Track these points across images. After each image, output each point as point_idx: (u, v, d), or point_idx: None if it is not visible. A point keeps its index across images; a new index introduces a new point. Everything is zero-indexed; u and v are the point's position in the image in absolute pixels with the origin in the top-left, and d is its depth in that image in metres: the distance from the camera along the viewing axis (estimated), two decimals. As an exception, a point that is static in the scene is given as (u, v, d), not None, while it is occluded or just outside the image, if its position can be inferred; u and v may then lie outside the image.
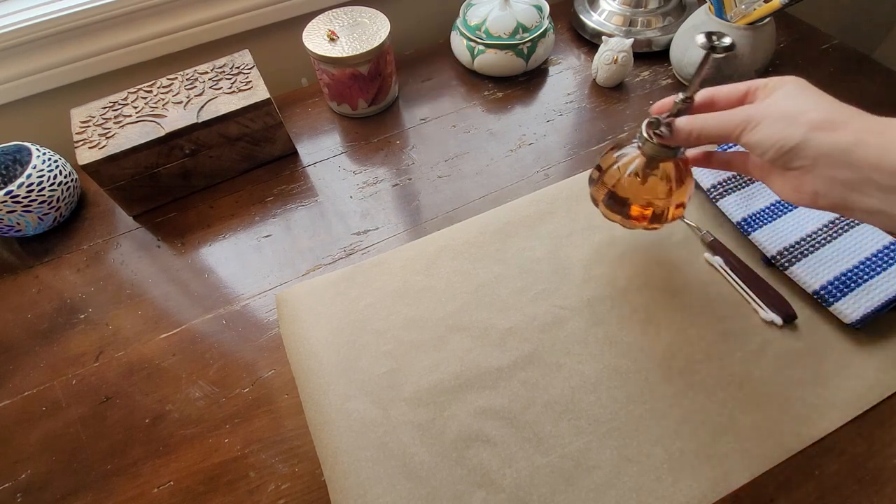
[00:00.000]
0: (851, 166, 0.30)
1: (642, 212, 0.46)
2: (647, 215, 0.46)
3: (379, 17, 0.67)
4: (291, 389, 0.49)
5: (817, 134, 0.31)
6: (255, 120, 0.62)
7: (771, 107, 0.33)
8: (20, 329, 0.55)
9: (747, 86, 0.36)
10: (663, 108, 0.40)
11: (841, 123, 0.30)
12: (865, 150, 0.29)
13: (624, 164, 0.44)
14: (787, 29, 0.76)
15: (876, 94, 0.66)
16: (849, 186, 0.30)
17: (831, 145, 0.30)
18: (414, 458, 0.43)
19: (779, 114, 0.32)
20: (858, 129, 0.30)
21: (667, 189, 0.44)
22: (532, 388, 0.46)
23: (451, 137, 0.68)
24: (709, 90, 0.39)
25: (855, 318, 0.45)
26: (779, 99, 0.34)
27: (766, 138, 0.33)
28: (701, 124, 0.36)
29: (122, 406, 0.49)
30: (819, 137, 0.31)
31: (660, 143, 0.40)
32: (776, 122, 0.32)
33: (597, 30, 0.75)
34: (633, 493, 0.40)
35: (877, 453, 0.42)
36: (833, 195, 0.31)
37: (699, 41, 0.35)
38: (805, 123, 0.31)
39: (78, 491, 0.45)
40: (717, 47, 0.35)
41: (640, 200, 0.45)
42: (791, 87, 0.34)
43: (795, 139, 0.31)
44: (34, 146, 0.60)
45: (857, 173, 0.30)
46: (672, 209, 0.45)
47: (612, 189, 0.46)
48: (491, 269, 0.54)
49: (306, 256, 0.58)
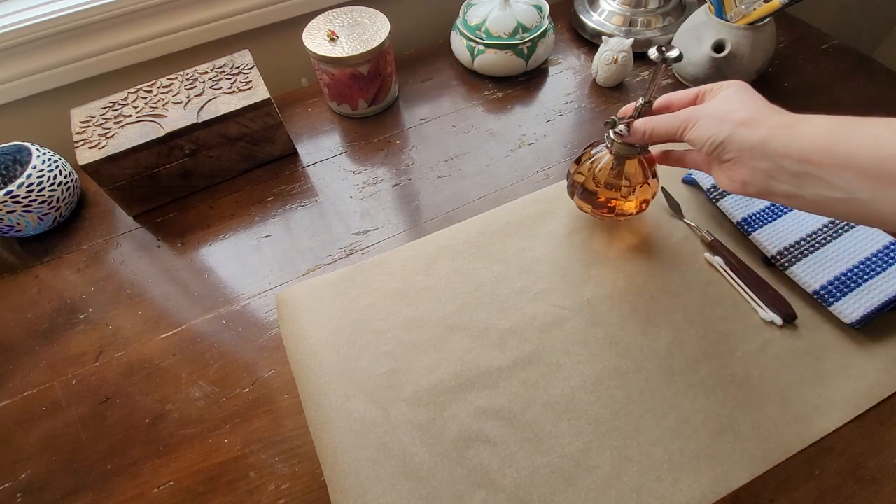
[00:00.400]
0: (767, 157, 0.34)
1: (608, 204, 0.51)
2: (613, 207, 0.51)
3: (379, 17, 0.67)
4: (291, 389, 0.49)
5: (740, 130, 0.35)
6: (255, 120, 0.62)
7: (709, 108, 0.38)
8: (20, 329, 0.55)
9: (698, 90, 0.41)
10: (627, 111, 0.45)
11: (760, 120, 0.35)
12: (777, 141, 0.34)
13: (595, 160, 0.50)
14: (787, 29, 0.76)
15: (876, 94, 0.66)
16: (768, 174, 0.35)
17: (751, 139, 0.35)
18: (414, 458, 0.43)
19: (712, 113, 0.37)
20: (773, 125, 0.34)
21: (629, 185, 0.49)
22: (532, 388, 0.46)
23: (451, 137, 0.68)
24: (666, 95, 0.44)
25: (855, 318, 0.45)
26: (716, 101, 0.38)
27: (702, 134, 0.38)
28: (653, 124, 0.42)
29: (122, 406, 0.49)
30: (742, 133, 0.35)
31: (622, 141, 0.45)
32: (709, 119, 0.37)
33: (597, 30, 0.75)
34: (633, 493, 0.40)
35: (877, 453, 0.42)
36: (757, 182, 0.36)
37: (651, 55, 0.40)
38: (732, 121, 0.36)
39: (78, 491, 0.45)
40: (668, 59, 0.40)
41: (606, 194, 0.50)
42: (730, 90, 0.38)
43: (724, 135, 0.36)
44: (34, 146, 0.60)
45: (772, 162, 0.34)
46: (636, 202, 0.50)
47: (583, 183, 0.51)
48: (491, 269, 0.54)
49: (306, 256, 0.58)
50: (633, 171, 0.49)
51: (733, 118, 0.36)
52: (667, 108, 0.44)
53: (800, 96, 0.67)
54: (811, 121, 0.33)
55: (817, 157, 0.32)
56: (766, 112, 0.36)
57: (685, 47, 0.66)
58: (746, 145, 0.35)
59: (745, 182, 0.37)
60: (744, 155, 0.36)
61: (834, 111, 0.33)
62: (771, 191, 0.35)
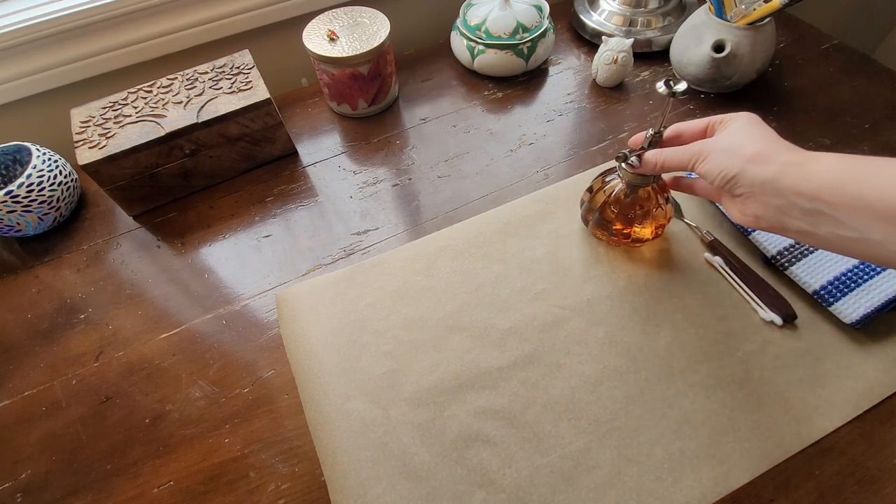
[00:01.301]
0: (779, 193, 0.34)
1: (623, 232, 0.51)
2: (629, 234, 0.51)
3: (379, 17, 0.67)
4: (291, 389, 0.49)
5: (751, 166, 0.35)
6: (255, 120, 0.62)
7: (719, 141, 0.38)
8: (20, 329, 0.55)
9: (708, 121, 0.42)
10: (637, 141, 0.45)
11: (770, 156, 0.35)
12: (789, 179, 0.34)
13: (608, 189, 0.50)
14: (787, 29, 0.76)
15: (876, 94, 0.66)
16: (781, 211, 0.35)
17: (762, 175, 0.35)
18: (414, 458, 0.43)
19: (723, 147, 0.38)
20: (784, 162, 0.34)
21: (643, 212, 0.49)
22: (532, 388, 0.46)
23: (451, 137, 0.68)
24: (676, 125, 0.44)
25: (855, 318, 0.45)
26: (726, 134, 0.38)
27: (713, 168, 0.38)
28: (664, 157, 0.42)
29: (122, 406, 0.49)
30: (752, 169, 0.35)
31: (633, 172, 0.45)
32: (720, 154, 0.37)
33: (597, 30, 0.75)
34: (633, 493, 0.40)
35: (877, 453, 0.42)
36: (770, 218, 0.36)
37: (659, 88, 0.41)
38: (742, 156, 0.36)
39: (78, 491, 0.45)
40: (676, 92, 0.40)
41: (621, 222, 0.51)
42: (739, 123, 0.39)
43: (734, 170, 0.36)
44: (34, 146, 0.60)
45: (784, 199, 0.34)
46: (651, 228, 0.51)
47: (598, 211, 0.51)
48: (491, 268, 0.54)
49: (306, 256, 0.58)
50: (646, 197, 0.49)
51: (744, 153, 0.36)
52: (677, 137, 0.44)
53: (800, 96, 0.67)
54: (822, 159, 0.33)
55: (829, 195, 0.32)
56: (776, 147, 0.36)
57: (685, 47, 0.66)
58: (757, 181, 0.35)
59: (757, 216, 0.37)
60: (755, 190, 0.36)
61: (834, 111, 0.33)
62: (784, 226, 0.35)
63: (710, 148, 0.38)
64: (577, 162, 0.64)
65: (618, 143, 0.65)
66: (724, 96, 0.68)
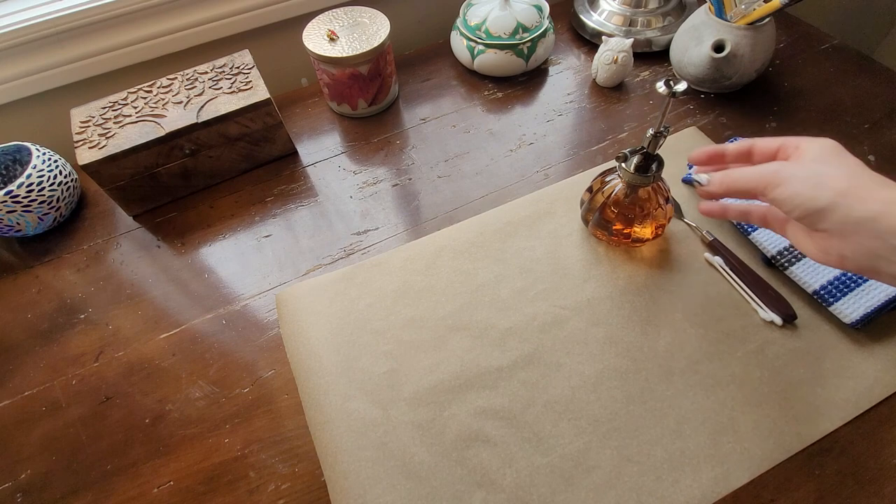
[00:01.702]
0: (878, 236, 0.31)
1: (623, 232, 0.51)
2: (629, 234, 0.51)
3: (379, 17, 0.67)
4: (291, 389, 0.49)
5: (845, 200, 0.31)
6: (255, 120, 0.62)
7: (799, 168, 0.34)
8: (20, 329, 0.55)
9: (781, 142, 0.37)
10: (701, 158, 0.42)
11: (868, 192, 0.31)
12: (891, 220, 0.30)
13: (608, 189, 0.50)
14: (787, 29, 0.76)
15: (876, 94, 0.66)
16: (875, 254, 0.31)
17: (860, 213, 0.31)
18: (414, 458, 0.43)
19: (806, 175, 0.33)
20: (885, 200, 0.31)
21: (643, 212, 0.49)
22: (532, 388, 0.46)
23: (451, 137, 0.68)
24: (748, 141, 0.40)
25: (855, 318, 0.45)
26: (806, 160, 0.34)
27: (794, 196, 0.33)
28: (734, 179, 0.37)
29: (122, 406, 0.49)
30: (847, 204, 0.31)
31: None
32: (802, 182, 0.33)
33: (597, 30, 0.75)
34: (633, 493, 0.40)
35: (877, 453, 0.42)
36: (860, 260, 0.32)
37: (659, 88, 0.40)
38: (832, 188, 0.32)
39: (78, 491, 0.45)
40: (676, 92, 0.40)
41: (621, 222, 0.51)
42: (822, 149, 0.34)
43: (822, 202, 0.32)
44: (34, 146, 0.60)
45: (884, 242, 0.31)
46: (651, 228, 0.50)
47: (598, 211, 0.51)
48: (491, 268, 0.54)
49: (306, 256, 0.58)
50: (646, 197, 0.49)
51: (833, 185, 0.32)
52: (747, 154, 0.40)
53: (800, 96, 0.67)
54: None
55: None
56: (870, 182, 0.32)
57: (685, 47, 0.66)
58: (852, 219, 0.31)
59: (843, 257, 0.33)
60: (847, 230, 0.32)
61: (834, 111, 0.32)
62: (877, 270, 0.32)
63: (788, 172, 0.34)
64: (577, 162, 0.64)
65: (618, 143, 0.65)
66: (723, 96, 0.68)
